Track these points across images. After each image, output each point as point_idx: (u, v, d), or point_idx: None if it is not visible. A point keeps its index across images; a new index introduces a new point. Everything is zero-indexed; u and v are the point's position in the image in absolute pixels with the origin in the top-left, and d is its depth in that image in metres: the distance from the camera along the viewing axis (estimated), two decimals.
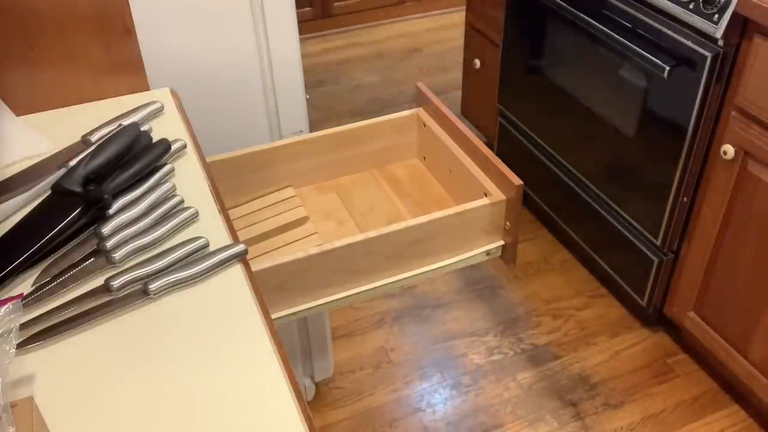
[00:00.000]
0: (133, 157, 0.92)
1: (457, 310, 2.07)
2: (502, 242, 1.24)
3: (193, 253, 0.81)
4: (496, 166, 1.20)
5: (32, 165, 0.96)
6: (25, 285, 0.79)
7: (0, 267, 0.78)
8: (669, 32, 1.56)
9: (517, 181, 1.16)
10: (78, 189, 0.86)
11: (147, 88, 1.11)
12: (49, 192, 0.89)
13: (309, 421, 0.65)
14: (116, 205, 0.87)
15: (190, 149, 1.00)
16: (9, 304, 0.65)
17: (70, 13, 1.01)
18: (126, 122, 0.99)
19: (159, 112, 1.06)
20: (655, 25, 1.59)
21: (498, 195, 1.19)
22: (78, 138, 0.99)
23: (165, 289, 0.77)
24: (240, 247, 0.82)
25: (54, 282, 0.79)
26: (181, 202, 0.89)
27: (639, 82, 1.69)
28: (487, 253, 1.24)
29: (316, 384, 1.83)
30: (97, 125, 1.01)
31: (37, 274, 0.80)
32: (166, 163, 0.95)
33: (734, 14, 1.40)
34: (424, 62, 3.34)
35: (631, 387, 1.84)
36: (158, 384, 0.68)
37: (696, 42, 1.50)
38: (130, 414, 0.66)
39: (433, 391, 1.84)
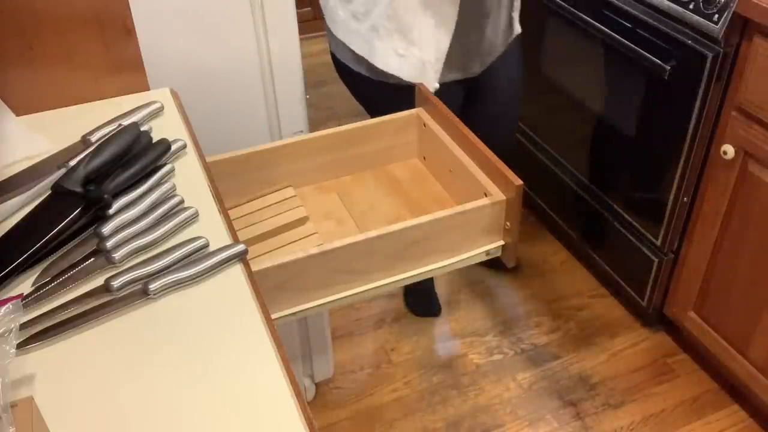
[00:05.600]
0: (133, 157, 0.92)
1: (457, 310, 2.07)
2: (502, 242, 1.24)
3: (193, 253, 0.81)
4: (496, 166, 1.19)
5: (32, 165, 0.95)
6: (25, 285, 0.79)
7: (0, 267, 0.78)
8: (669, 32, 1.56)
9: (517, 181, 1.16)
10: (78, 189, 0.86)
11: (147, 88, 1.11)
12: (49, 192, 0.89)
13: (309, 421, 0.65)
14: (116, 205, 0.87)
15: (190, 149, 0.99)
16: (9, 304, 0.65)
17: (69, 13, 1.01)
18: (126, 122, 0.99)
19: (159, 112, 1.06)
20: (655, 25, 1.58)
21: (498, 195, 1.19)
22: (78, 138, 0.99)
23: (165, 289, 0.77)
24: (240, 247, 0.81)
25: (54, 282, 0.79)
26: (181, 202, 0.89)
27: (639, 82, 1.68)
28: (487, 253, 1.24)
29: (316, 384, 1.83)
30: (97, 125, 1.01)
31: (37, 274, 0.80)
32: (166, 163, 0.95)
33: (734, 14, 1.40)
34: None
35: (631, 387, 1.84)
36: (158, 384, 0.68)
37: (696, 42, 1.50)
38: (130, 414, 0.66)
39: (433, 391, 1.84)
